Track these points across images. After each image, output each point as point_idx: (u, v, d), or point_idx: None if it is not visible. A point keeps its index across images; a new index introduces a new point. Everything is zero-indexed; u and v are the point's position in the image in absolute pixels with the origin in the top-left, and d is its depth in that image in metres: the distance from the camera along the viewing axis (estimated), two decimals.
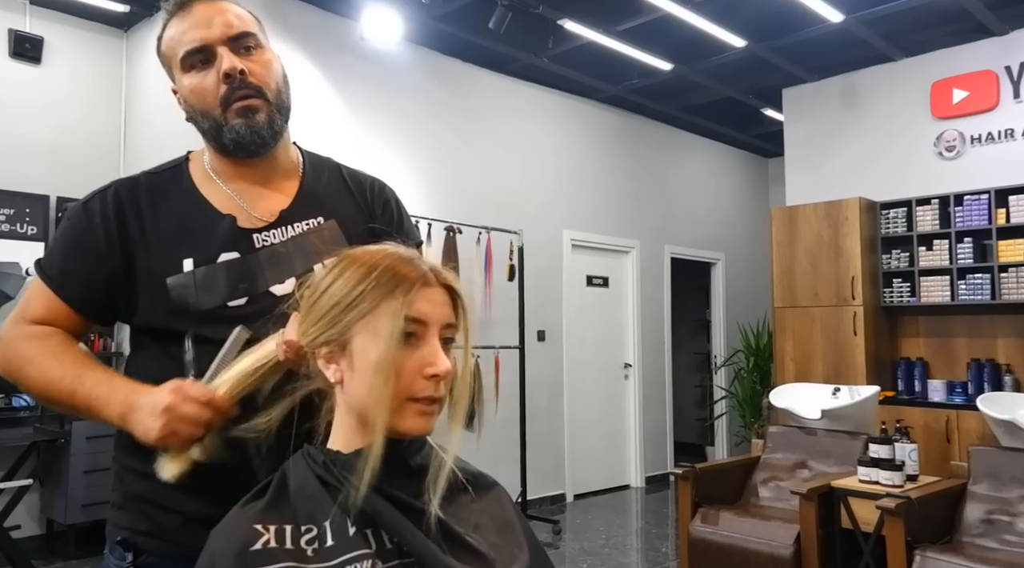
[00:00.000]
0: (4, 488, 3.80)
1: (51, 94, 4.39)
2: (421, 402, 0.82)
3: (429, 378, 0.82)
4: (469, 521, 0.87)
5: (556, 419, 5.71)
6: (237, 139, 1.09)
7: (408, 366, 0.82)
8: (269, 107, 1.10)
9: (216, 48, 1.07)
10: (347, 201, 1.21)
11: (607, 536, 4.83)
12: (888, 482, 3.19)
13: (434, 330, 0.84)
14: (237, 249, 1.09)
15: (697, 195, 7.15)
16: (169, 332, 1.06)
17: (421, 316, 0.83)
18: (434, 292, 0.85)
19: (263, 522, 0.80)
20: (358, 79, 4.70)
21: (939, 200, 4.95)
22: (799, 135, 5.91)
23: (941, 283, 4.89)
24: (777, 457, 3.97)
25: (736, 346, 7.03)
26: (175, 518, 1.04)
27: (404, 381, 0.81)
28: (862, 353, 4.93)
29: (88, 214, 1.09)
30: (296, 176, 1.19)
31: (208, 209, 1.11)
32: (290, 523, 0.80)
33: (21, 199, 4.18)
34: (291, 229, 1.13)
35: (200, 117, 1.10)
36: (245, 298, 1.06)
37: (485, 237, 5.10)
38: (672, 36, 4.85)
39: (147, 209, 1.09)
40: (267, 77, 1.11)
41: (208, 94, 1.08)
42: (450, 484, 0.87)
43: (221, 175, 1.15)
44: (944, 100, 5.12)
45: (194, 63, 1.08)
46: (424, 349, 0.83)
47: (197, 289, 1.06)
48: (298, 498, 0.82)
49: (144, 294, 1.07)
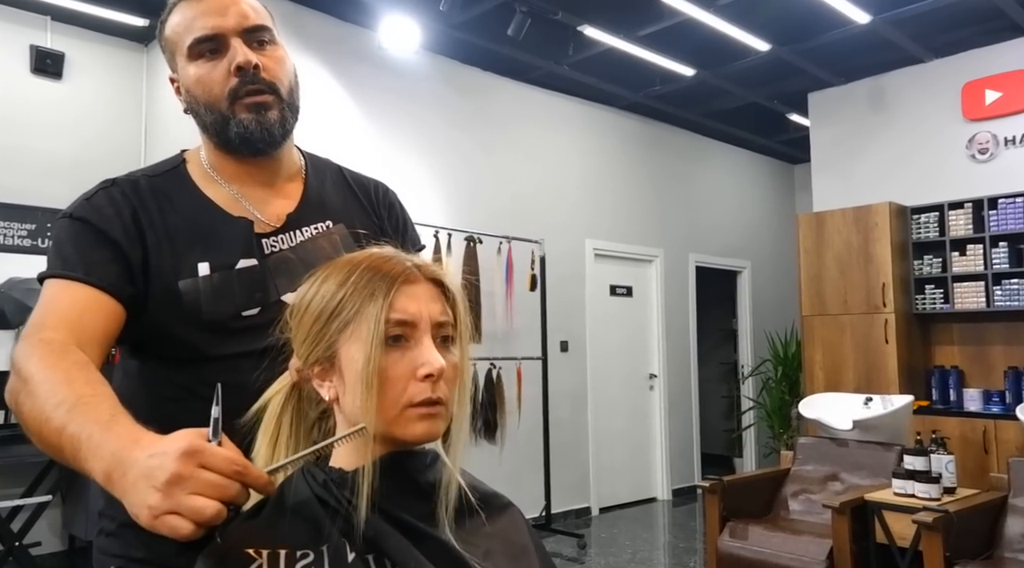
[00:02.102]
0: (25, 504, 3.80)
1: (72, 109, 4.43)
2: (420, 406, 0.76)
3: (423, 379, 0.76)
4: (480, 547, 0.80)
5: (580, 431, 5.62)
6: (244, 134, 1.02)
7: (398, 371, 0.76)
8: (281, 105, 1.04)
9: (229, 39, 1.01)
10: (353, 205, 1.16)
11: (633, 551, 4.72)
12: (924, 495, 3.06)
13: (424, 329, 0.77)
14: (255, 256, 1.03)
15: (721, 203, 7.05)
16: (174, 344, 0.99)
17: (406, 316, 0.76)
18: (420, 289, 0.79)
19: (256, 546, 0.74)
20: (376, 89, 4.68)
21: (972, 204, 4.81)
22: (826, 140, 5.80)
23: (976, 289, 4.74)
24: (807, 469, 3.86)
25: (763, 355, 6.89)
26: (173, 544, 0.98)
27: (398, 387, 0.76)
28: (894, 361, 4.79)
29: (95, 208, 0.99)
30: (299, 178, 1.14)
31: (217, 211, 1.04)
32: (285, 547, 0.74)
33: (41, 214, 4.22)
34: (299, 234, 1.07)
35: (203, 109, 1.03)
36: (259, 307, 1.01)
37: (506, 247, 5.04)
38: (694, 41, 4.77)
39: (153, 208, 1.02)
40: (280, 74, 1.05)
41: (215, 86, 1.01)
42: (461, 505, 0.80)
43: (221, 174, 1.08)
44: (976, 101, 4.98)
45: (202, 52, 1.02)
46: (414, 350, 0.77)
47: (212, 296, 0.99)
48: (295, 520, 0.76)
49: (153, 296, 0.98)
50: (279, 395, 0.85)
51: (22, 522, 3.75)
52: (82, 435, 0.74)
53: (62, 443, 0.76)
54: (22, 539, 3.69)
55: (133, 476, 0.67)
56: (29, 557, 3.68)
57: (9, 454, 3.77)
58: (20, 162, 4.23)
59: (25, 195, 4.21)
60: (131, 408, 0.79)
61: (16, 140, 4.23)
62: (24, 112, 4.26)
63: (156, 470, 0.65)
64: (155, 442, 0.68)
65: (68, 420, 0.76)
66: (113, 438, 0.72)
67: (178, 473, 0.65)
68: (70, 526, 4.15)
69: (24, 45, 4.27)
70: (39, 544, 3.91)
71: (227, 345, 0.99)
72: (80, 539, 4.07)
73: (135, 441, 0.70)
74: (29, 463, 3.95)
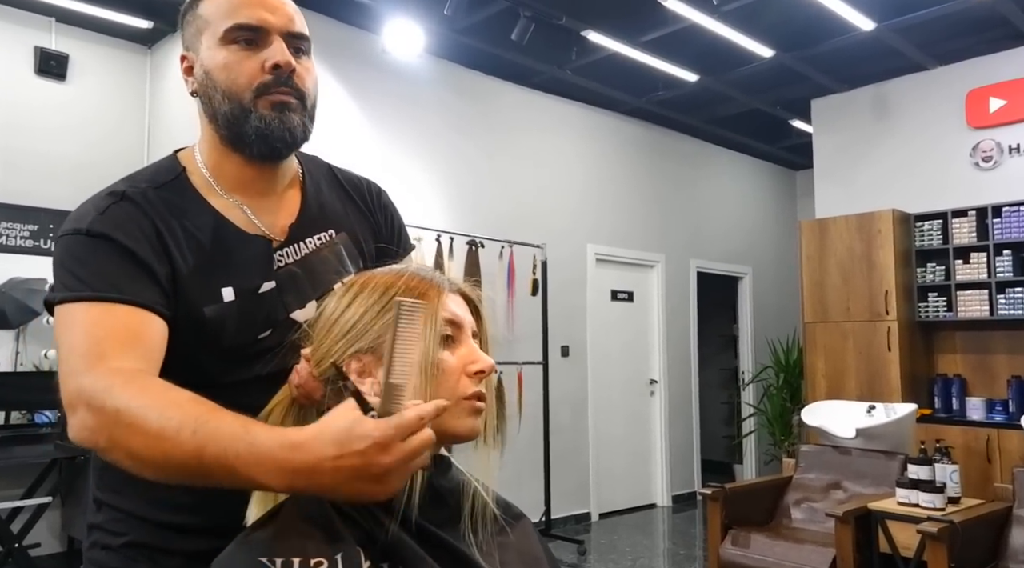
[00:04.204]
0: (25, 505, 3.79)
1: (75, 111, 4.43)
2: (471, 399, 0.81)
3: (474, 375, 0.81)
4: (495, 556, 0.80)
5: (580, 436, 5.60)
6: (264, 130, 0.96)
7: (453, 365, 0.81)
8: (304, 114, 1.00)
9: (272, 35, 0.97)
10: (351, 208, 1.12)
11: (633, 557, 4.70)
12: (929, 505, 3.05)
13: (468, 332, 0.84)
14: (273, 277, 0.98)
15: (723, 208, 7.04)
16: (189, 371, 0.89)
17: (454, 317, 0.83)
18: (454, 299, 0.85)
19: (269, 555, 0.73)
20: (380, 92, 4.68)
21: (976, 212, 4.80)
22: (829, 147, 5.79)
23: (979, 297, 4.73)
24: (810, 477, 3.84)
25: (764, 362, 6.88)
26: (177, 560, 0.95)
27: (451, 381, 0.80)
28: (897, 369, 4.78)
29: (117, 224, 0.91)
30: (297, 185, 1.09)
31: (232, 229, 0.98)
32: (298, 555, 0.73)
33: (44, 215, 4.21)
34: (303, 246, 1.03)
35: (220, 96, 0.96)
36: (271, 328, 0.96)
37: (508, 251, 5.03)
38: (698, 46, 4.77)
39: (175, 225, 0.95)
40: (309, 85, 1.01)
41: (243, 76, 0.95)
42: (477, 514, 0.82)
43: (226, 182, 1.01)
44: (980, 109, 4.98)
45: (238, 39, 0.96)
46: (462, 348, 0.83)
47: (237, 322, 0.95)
48: (307, 527, 0.75)
49: (177, 321, 0.92)
50: (279, 407, 0.85)
51: (23, 524, 3.73)
52: (229, 454, 0.71)
53: (206, 467, 0.72)
54: (22, 540, 3.68)
55: (332, 480, 0.68)
56: (28, 559, 3.66)
57: (10, 455, 3.76)
58: (23, 163, 4.22)
59: (28, 196, 4.20)
60: None
61: (20, 141, 4.22)
62: (28, 113, 4.26)
63: (364, 470, 0.67)
64: (315, 441, 0.68)
65: (202, 442, 0.72)
66: (264, 449, 0.70)
67: (387, 467, 0.67)
68: (69, 528, 4.14)
69: (29, 46, 4.26)
70: (39, 545, 3.90)
71: (240, 371, 0.95)
72: (79, 541, 4.05)
73: (293, 446, 0.69)
74: (30, 465, 3.94)
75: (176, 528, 0.93)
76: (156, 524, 0.95)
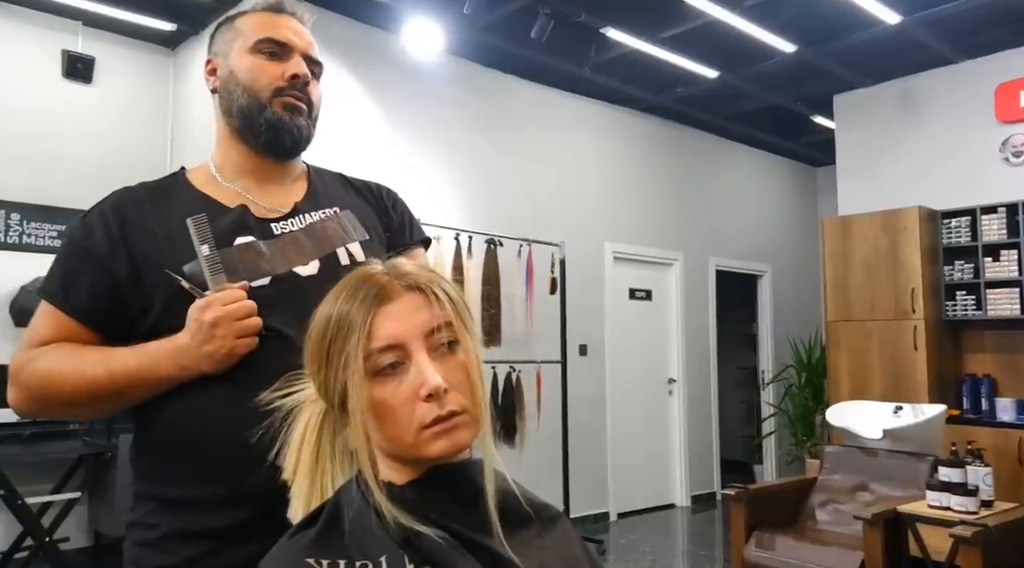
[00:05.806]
0: (53, 501, 3.84)
1: (101, 113, 4.47)
2: (432, 425, 0.74)
3: (427, 400, 0.74)
4: (533, 559, 0.78)
5: (599, 435, 5.57)
6: (275, 122, 1.11)
7: (401, 397, 0.75)
8: (308, 120, 1.15)
9: (295, 52, 1.14)
10: (357, 200, 1.23)
11: (653, 558, 4.67)
12: (961, 508, 2.99)
13: (416, 346, 0.75)
14: (252, 233, 1.07)
15: (742, 206, 6.97)
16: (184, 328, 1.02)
17: (390, 341, 0.75)
18: (400, 304, 0.77)
19: (315, 556, 0.73)
20: (399, 92, 4.67)
21: (1006, 208, 4.70)
22: (852, 143, 5.71)
23: (1010, 295, 4.64)
24: (835, 478, 3.79)
25: (785, 361, 6.80)
26: (211, 543, 0.99)
27: (406, 413, 0.74)
28: (924, 369, 4.70)
29: (86, 225, 1.07)
30: (303, 178, 1.22)
31: (214, 204, 1.09)
32: (343, 558, 0.73)
33: (71, 215, 4.26)
34: (308, 217, 1.13)
35: (241, 90, 1.11)
36: (268, 278, 1.04)
37: (526, 250, 5.01)
38: (718, 42, 4.72)
39: (150, 209, 1.08)
40: (316, 100, 1.18)
41: (265, 77, 1.11)
42: (512, 515, 0.79)
43: (230, 170, 1.14)
44: (1010, 103, 4.88)
45: (265, 49, 1.12)
46: (411, 372, 0.75)
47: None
48: (352, 530, 0.75)
49: (159, 291, 1.02)
50: (311, 429, 0.84)
51: (51, 519, 3.79)
52: (129, 368, 0.98)
53: (119, 386, 0.98)
54: (52, 535, 3.73)
55: (192, 351, 0.96)
56: (58, 552, 3.71)
57: (40, 451, 3.82)
58: (50, 165, 4.28)
59: (56, 197, 4.26)
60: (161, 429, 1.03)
61: (48, 143, 4.28)
62: (55, 115, 4.31)
63: (199, 332, 0.95)
64: (182, 333, 0.97)
65: (112, 370, 0.98)
66: (154, 352, 0.98)
67: (215, 319, 0.95)
68: (96, 523, 4.19)
69: (56, 50, 4.31)
70: (67, 540, 3.95)
71: None
72: (106, 535, 4.11)
73: (169, 341, 0.98)
74: (58, 461, 4.00)
75: (207, 505, 0.98)
76: (186, 504, 1.00)
